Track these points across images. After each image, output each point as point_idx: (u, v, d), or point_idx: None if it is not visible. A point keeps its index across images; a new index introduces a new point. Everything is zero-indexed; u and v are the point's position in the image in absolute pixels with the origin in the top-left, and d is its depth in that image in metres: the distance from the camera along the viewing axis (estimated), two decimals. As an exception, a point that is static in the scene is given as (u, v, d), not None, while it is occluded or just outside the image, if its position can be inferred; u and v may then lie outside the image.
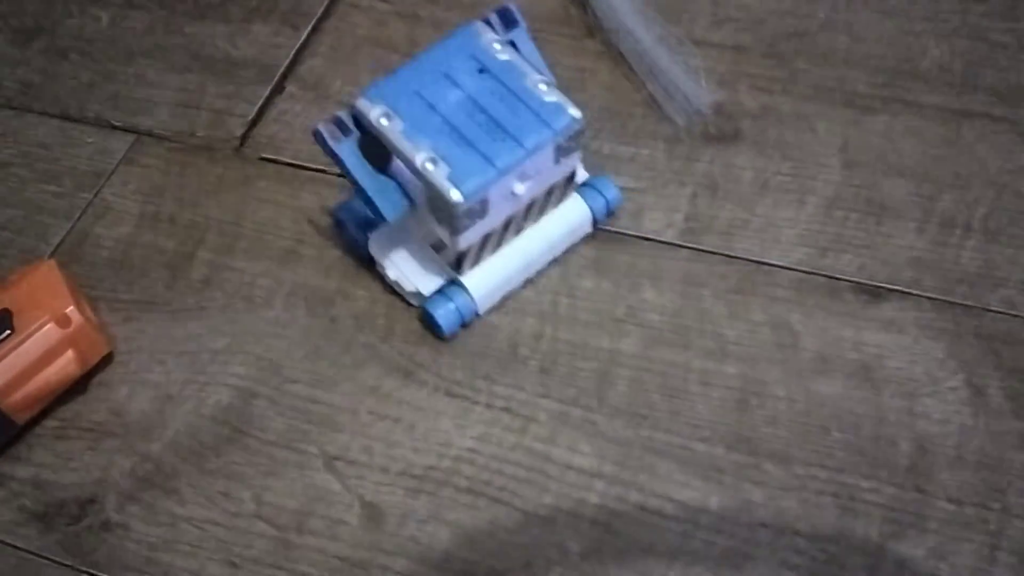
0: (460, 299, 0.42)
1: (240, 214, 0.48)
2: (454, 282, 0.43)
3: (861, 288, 0.43)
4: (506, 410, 0.41)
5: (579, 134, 0.40)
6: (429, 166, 0.38)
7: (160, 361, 0.44)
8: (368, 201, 0.40)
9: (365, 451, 0.40)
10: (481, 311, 0.43)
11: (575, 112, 0.39)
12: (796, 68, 0.50)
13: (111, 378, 0.43)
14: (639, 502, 0.38)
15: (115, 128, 0.52)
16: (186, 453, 0.41)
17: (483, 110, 0.39)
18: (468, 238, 0.40)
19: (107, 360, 0.43)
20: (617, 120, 0.49)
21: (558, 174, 0.41)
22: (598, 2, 0.52)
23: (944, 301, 0.42)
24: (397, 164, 0.40)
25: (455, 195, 0.38)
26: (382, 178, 0.40)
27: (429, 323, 0.43)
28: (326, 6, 0.55)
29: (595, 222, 0.45)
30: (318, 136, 0.40)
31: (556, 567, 0.37)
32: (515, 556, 0.37)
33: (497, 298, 0.43)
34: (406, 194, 0.40)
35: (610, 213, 0.45)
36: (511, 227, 0.42)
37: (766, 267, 0.44)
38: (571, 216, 0.44)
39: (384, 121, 0.39)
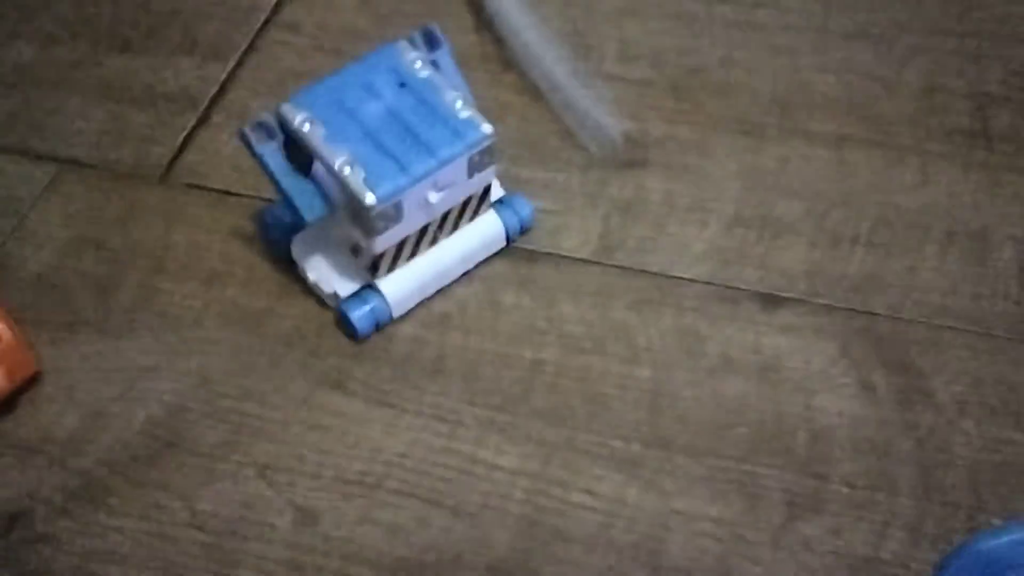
0: (375, 302, 0.44)
1: (167, 238, 0.49)
2: (370, 286, 0.45)
3: (760, 297, 0.46)
4: (434, 417, 0.43)
5: (491, 149, 0.43)
6: (346, 170, 0.41)
7: (89, 379, 0.44)
8: (288, 202, 0.42)
9: (297, 459, 0.42)
10: (395, 315, 0.45)
11: (487, 128, 0.42)
12: (697, 100, 0.54)
13: (39, 397, 0.43)
14: (561, 496, 0.40)
15: (39, 157, 0.52)
16: (117, 467, 0.41)
17: (401, 122, 0.42)
18: (383, 242, 0.42)
19: (35, 380, 0.43)
20: (535, 148, 0.52)
21: (472, 188, 0.44)
22: (514, 39, 0.55)
23: (835, 307, 0.46)
24: (318, 168, 0.42)
25: (369, 198, 0.40)
26: (303, 181, 0.42)
27: (345, 325, 0.44)
28: (251, 40, 0.57)
29: (508, 238, 0.47)
30: (243, 137, 0.42)
31: (483, 558, 0.39)
32: (446, 550, 0.39)
33: (412, 303, 0.45)
34: (325, 197, 0.43)
35: (523, 230, 0.48)
36: (426, 236, 0.44)
37: (674, 280, 0.47)
38: (485, 230, 0.46)
39: (307, 127, 0.41)
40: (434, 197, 0.42)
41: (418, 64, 0.44)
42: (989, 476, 0.40)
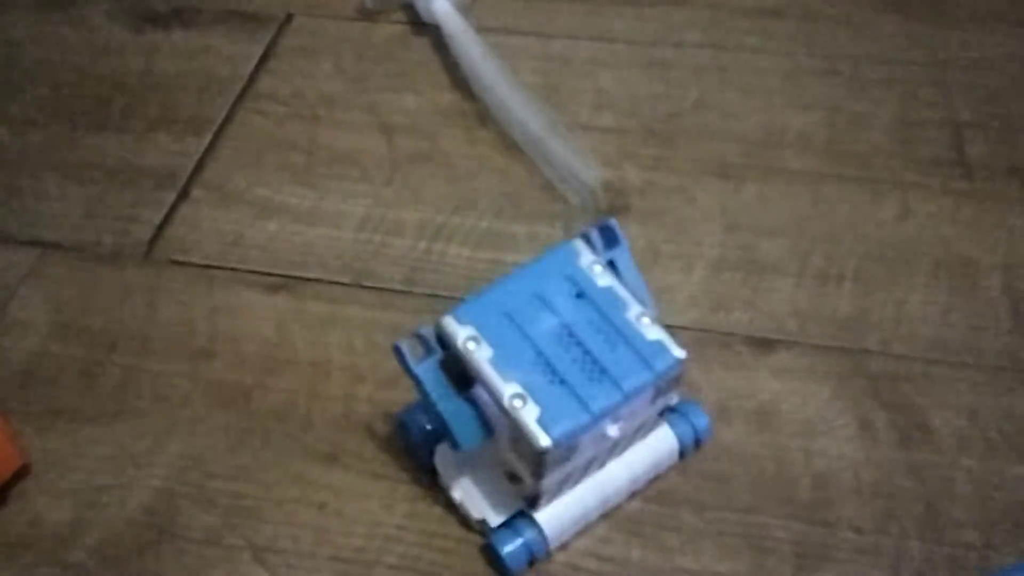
0: (530, 535, 0.38)
1: (151, 317, 0.49)
2: (524, 514, 0.39)
3: (752, 341, 0.46)
4: (432, 486, 0.42)
5: (680, 376, 0.37)
6: (517, 403, 0.35)
7: (77, 469, 0.43)
8: (444, 426, 0.36)
9: (292, 539, 0.41)
10: (552, 548, 0.39)
11: (679, 352, 0.36)
12: (674, 146, 0.54)
13: (27, 490, 0.43)
14: (566, 561, 0.40)
15: (19, 243, 0.52)
16: (109, 559, 0.40)
17: (579, 342, 0.36)
18: (551, 481, 0.37)
19: (23, 473, 0.43)
20: (516, 202, 0.52)
21: (653, 412, 0.39)
22: (489, 95, 0.55)
23: (827, 346, 0.45)
24: (480, 392, 0.37)
25: (544, 441, 0.34)
26: (461, 402, 0.36)
27: (493, 556, 0.39)
28: (227, 112, 0.57)
29: (682, 453, 0.41)
30: (398, 352, 0.36)
31: (491, 633, 0.38)
32: (450, 625, 0.38)
33: (570, 535, 0.40)
34: (486, 422, 0.37)
35: (698, 444, 0.41)
36: (594, 463, 0.38)
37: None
38: (658, 447, 0.40)
39: (471, 345, 0.36)
40: (613, 430, 0.36)
41: (597, 269, 0.38)
42: (996, 513, 0.40)
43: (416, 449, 0.41)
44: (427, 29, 0.61)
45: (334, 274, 0.50)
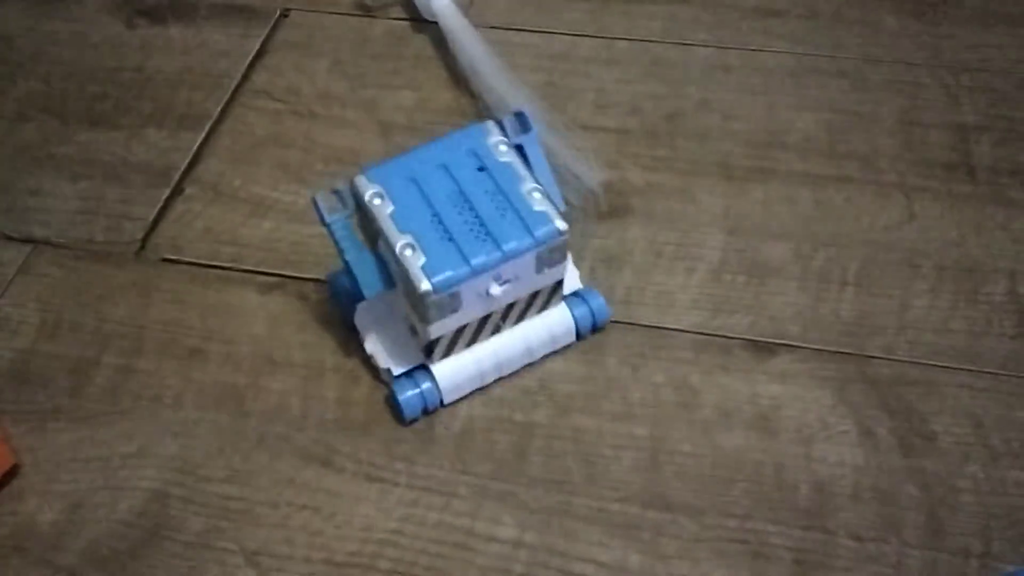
0: (426, 386, 0.42)
1: (144, 316, 0.48)
2: (425, 368, 0.43)
3: (752, 345, 0.45)
4: (427, 489, 0.41)
5: (562, 245, 0.40)
6: (407, 252, 0.39)
7: (69, 470, 0.43)
8: (350, 274, 0.41)
9: (286, 543, 0.40)
10: (447, 400, 0.43)
11: (561, 224, 0.40)
12: (676, 146, 0.54)
13: (18, 491, 0.42)
14: (562, 567, 0.39)
15: (11, 239, 0.51)
16: (100, 561, 0.40)
17: (472, 207, 0.40)
18: (438, 328, 0.40)
19: (13, 473, 0.42)
20: (513, 202, 0.51)
21: (540, 282, 0.42)
22: (489, 94, 0.55)
23: (828, 351, 0.45)
24: (382, 245, 0.41)
25: (425, 285, 0.38)
26: (368, 254, 0.41)
27: (393, 405, 0.43)
28: (221, 108, 0.57)
29: (578, 334, 0.45)
30: (314, 204, 0.41)
31: (486, 640, 0.37)
32: (445, 633, 0.38)
33: (466, 390, 0.43)
34: (388, 274, 0.41)
35: (596, 327, 0.45)
36: (487, 325, 0.42)
37: (664, 331, 0.46)
38: (553, 323, 0.44)
39: (376, 201, 0.40)
40: (496, 290, 0.40)
41: (502, 148, 0.42)
42: (998, 521, 0.39)
43: (340, 306, 0.46)
44: (426, 25, 0.60)
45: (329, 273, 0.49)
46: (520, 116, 0.42)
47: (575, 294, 0.45)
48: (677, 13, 0.60)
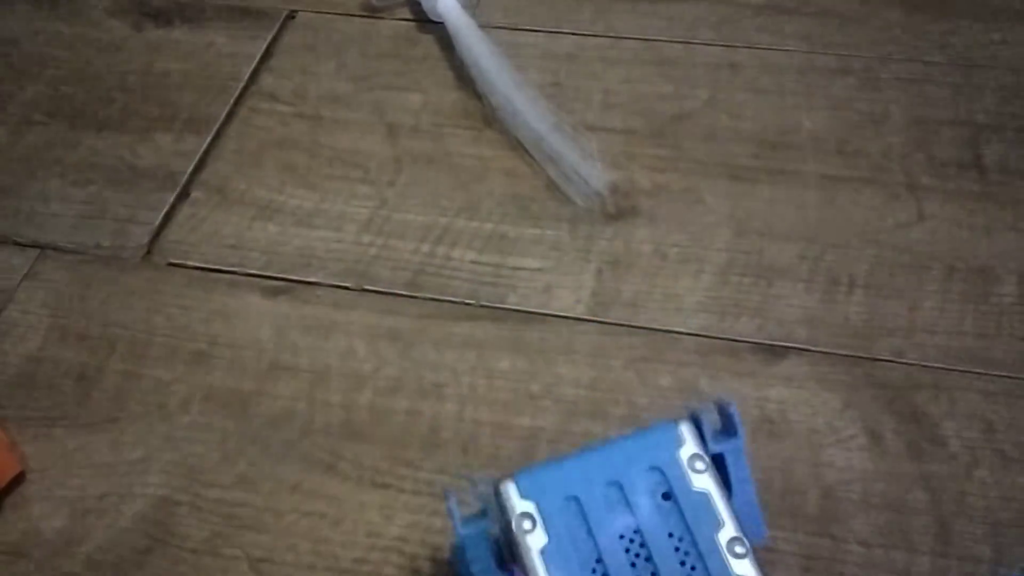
0: None
1: (150, 321, 0.48)
2: None
3: (760, 348, 0.45)
4: (432, 495, 0.41)
5: None
6: None
7: (74, 476, 0.43)
8: None
9: (291, 550, 0.40)
10: None
11: None
12: (683, 147, 0.53)
13: (24, 497, 0.42)
14: None
15: (17, 244, 0.51)
16: (106, 568, 0.40)
17: (649, 558, 0.31)
18: None
19: (19, 480, 0.42)
20: (520, 204, 0.51)
21: None
22: (495, 94, 0.54)
23: (837, 354, 0.44)
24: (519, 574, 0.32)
25: None
26: None
27: None
28: (228, 111, 0.57)
29: None
30: (448, 506, 0.32)
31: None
32: (449, 641, 0.38)
33: None
34: None
35: None
36: None
37: (671, 335, 0.46)
38: None
39: (526, 525, 0.31)
40: None
41: (699, 465, 0.32)
42: (1008, 527, 0.39)
43: None
44: (432, 27, 0.60)
45: (336, 278, 0.49)
46: (725, 412, 0.33)
47: None
48: (684, 12, 0.60)
